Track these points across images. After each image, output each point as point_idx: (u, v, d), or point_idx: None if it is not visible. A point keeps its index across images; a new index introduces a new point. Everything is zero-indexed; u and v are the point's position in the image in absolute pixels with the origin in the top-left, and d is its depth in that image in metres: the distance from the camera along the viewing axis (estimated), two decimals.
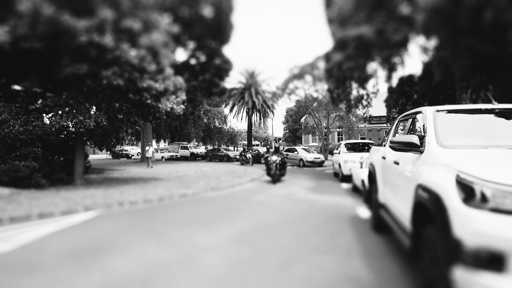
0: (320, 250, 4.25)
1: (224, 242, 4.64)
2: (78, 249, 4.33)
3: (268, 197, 8.71)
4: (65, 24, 8.47)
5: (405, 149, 3.10)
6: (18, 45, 8.58)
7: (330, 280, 3.30)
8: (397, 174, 3.67)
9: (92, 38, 8.61)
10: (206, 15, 17.16)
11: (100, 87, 9.73)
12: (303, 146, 28.25)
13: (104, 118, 9.75)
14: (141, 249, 4.34)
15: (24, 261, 3.89)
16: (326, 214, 6.49)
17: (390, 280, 3.27)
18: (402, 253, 4.09)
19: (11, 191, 8.56)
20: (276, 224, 5.76)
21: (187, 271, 3.59)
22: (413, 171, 3.05)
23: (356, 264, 3.73)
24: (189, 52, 19.57)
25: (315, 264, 3.74)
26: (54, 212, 6.47)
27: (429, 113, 3.29)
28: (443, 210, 2.17)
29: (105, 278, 3.37)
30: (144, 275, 3.45)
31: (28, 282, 3.27)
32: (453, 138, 2.98)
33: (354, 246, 4.41)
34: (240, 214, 6.61)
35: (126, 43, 9.16)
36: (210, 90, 21.10)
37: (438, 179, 2.41)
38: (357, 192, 9.49)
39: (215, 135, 39.70)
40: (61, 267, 3.70)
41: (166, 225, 5.69)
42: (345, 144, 14.07)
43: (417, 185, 2.74)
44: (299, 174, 15.84)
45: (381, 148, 5.10)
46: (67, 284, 3.24)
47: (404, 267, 3.63)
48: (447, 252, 2.11)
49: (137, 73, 9.46)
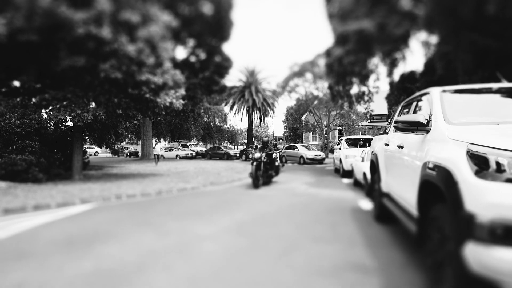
0: (321, 239, 4.11)
1: (222, 232, 4.51)
2: (72, 238, 4.20)
3: (268, 191, 8.57)
4: (62, 16, 8.35)
5: (410, 128, 2.97)
6: (15, 38, 8.46)
7: (333, 267, 3.17)
8: (401, 158, 3.53)
9: (89, 31, 8.49)
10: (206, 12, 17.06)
11: (98, 80, 9.61)
12: (304, 144, 28.11)
13: (102, 112, 9.62)
14: (137, 238, 4.21)
15: (16, 249, 3.76)
16: (327, 206, 6.36)
17: (395, 268, 3.14)
18: (406, 242, 3.96)
19: (8, 184, 8.43)
20: (275, 215, 5.63)
21: (183, 258, 3.46)
22: (419, 152, 2.92)
23: (359, 252, 3.60)
24: (189, 50, 19.44)
25: (316, 252, 3.61)
26: (50, 204, 6.35)
27: (436, 93, 3.16)
28: (454, 184, 2.04)
29: (97, 264, 3.24)
30: (138, 261, 3.33)
31: (19, 268, 3.15)
32: (461, 117, 2.85)
33: (357, 235, 4.27)
34: (239, 206, 6.48)
35: (124, 35, 9.03)
36: (210, 87, 20.96)
37: (447, 154, 2.28)
38: (358, 186, 9.35)
39: (215, 133, 39.56)
40: (53, 254, 3.57)
41: (164, 216, 5.56)
42: (346, 139, 13.93)
43: (424, 163, 2.61)
44: (299, 170, 15.69)
45: (383, 136, 4.97)
46: (58, 270, 3.11)
47: (409, 255, 3.50)
48: (458, 229, 1.98)
49: (135, 66, 9.34)
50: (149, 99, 10.44)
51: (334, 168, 15.03)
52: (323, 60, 19.30)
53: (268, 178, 9.94)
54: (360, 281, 2.81)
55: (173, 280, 2.89)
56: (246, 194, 8.10)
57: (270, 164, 9.95)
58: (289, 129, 44.41)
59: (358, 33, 12.19)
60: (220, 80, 20.82)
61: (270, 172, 9.96)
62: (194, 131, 33.17)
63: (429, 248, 2.56)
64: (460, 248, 1.93)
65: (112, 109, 10.42)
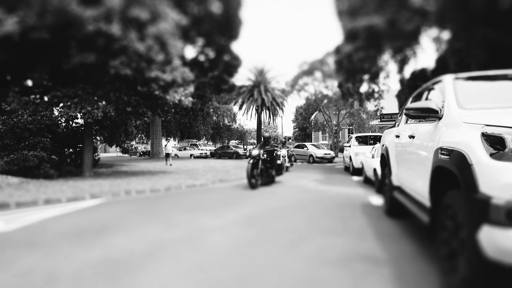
0: (330, 232, 4.05)
1: (230, 224, 4.49)
2: (81, 229, 4.22)
3: (277, 188, 8.52)
4: (72, 13, 8.45)
5: (422, 115, 2.89)
6: (27, 36, 8.59)
7: (342, 257, 3.10)
8: (413, 148, 3.45)
9: (99, 27, 8.57)
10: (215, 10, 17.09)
11: (108, 77, 9.69)
12: (313, 143, 27.96)
13: (112, 108, 9.71)
14: (145, 230, 4.21)
15: (25, 239, 3.79)
16: (336, 202, 6.28)
17: (406, 259, 3.06)
18: (417, 235, 3.87)
19: (20, 180, 8.56)
20: (284, 210, 5.58)
21: (191, 247, 3.44)
22: (430, 139, 2.84)
23: (369, 244, 3.52)
24: (197, 49, 19.50)
25: (326, 244, 3.55)
26: (61, 199, 6.41)
27: (448, 80, 3.07)
28: (467, 167, 1.97)
29: (105, 253, 3.24)
30: (146, 251, 3.32)
31: (28, 256, 3.17)
32: (475, 103, 2.76)
33: (367, 228, 4.20)
34: (248, 201, 6.45)
35: (134, 32, 9.09)
36: (219, 86, 21.01)
37: (461, 137, 2.20)
38: (368, 183, 9.23)
39: (224, 133, 39.65)
40: (62, 244, 3.59)
41: (172, 210, 5.56)
42: (356, 137, 13.79)
43: (436, 150, 2.53)
44: (308, 169, 15.59)
45: (394, 129, 4.88)
46: (66, 258, 3.12)
47: (420, 247, 3.41)
48: (472, 214, 1.91)
49: (144, 62, 9.39)
50: (159, 96, 10.50)
51: (344, 167, 14.89)
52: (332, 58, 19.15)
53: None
54: (370, 271, 2.75)
55: (181, 268, 2.86)
56: (254, 191, 8.06)
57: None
58: (298, 129, 44.23)
59: (368, 29, 12.05)
60: (229, 79, 20.84)
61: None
62: (204, 131, 33.29)
63: (442, 237, 2.48)
64: (474, 233, 1.86)
65: (122, 106, 10.51)
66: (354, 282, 2.54)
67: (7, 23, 8.22)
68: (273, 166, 9.23)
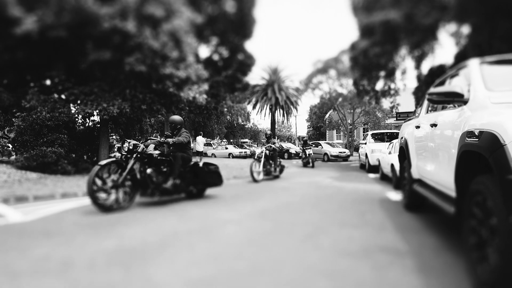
0: (348, 225, 3.93)
1: (245, 217, 4.42)
2: (96, 221, 4.23)
3: (292, 184, 8.41)
4: (89, 11, 8.56)
5: (446, 100, 2.75)
6: (45, 34, 8.75)
7: (361, 249, 2.99)
8: (435, 137, 3.31)
9: (115, 25, 8.65)
10: (229, 9, 17.09)
11: (123, 74, 9.78)
12: (328, 141, 27.67)
13: (127, 105, 9.79)
14: (160, 221, 4.19)
15: (42, 229, 3.81)
16: (353, 197, 6.14)
17: (428, 251, 2.93)
18: (439, 228, 3.71)
19: (38, 175, 8.72)
20: (299, 204, 5.49)
21: (206, 238, 3.39)
22: (455, 126, 2.70)
23: (389, 236, 3.40)
24: (211, 48, 19.56)
25: (344, 236, 3.44)
26: (77, 193, 6.48)
27: (474, 64, 2.92)
28: (500, 148, 1.84)
29: (120, 243, 3.22)
30: (160, 242, 3.28)
31: (44, 244, 3.18)
32: (503, 85, 2.61)
33: (386, 222, 4.06)
34: (262, 196, 6.37)
35: (149, 29, 9.15)
36: (233, 85, 21.02)
37: (491, 117, 2.07)
38: (385, 180, 9.02)
39: (238, 132, 39.69)
40: (77, 233, 3.60)
41: (186, 204, 5.53)
42: (372, 134, 13.54)
43: (463, 134, 2.40)
44: (323, 167, 15.40)
45: (413, 120, 4.73)
46: (81, 246, 3.11)
47: (443, 239, 3.27)
48: (505, 197, 1.78)
49: (159, 59, 9.44)
50: (173, 93, 10.54)
51: (359, 164, 14.64)
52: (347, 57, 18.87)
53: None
54: (391, 262, 2.63)
55: (196, 258, 2.81)
56: (269, 186, 7.99)
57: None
58: (312, 128, 43.90)
59: (384, 24, 11.81)
60: (243, 78, 20.80)
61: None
62: (217, 129, 33.39)
63: (469, 226, 2.34)
64: (508, 218, 1.73)
65: (136, 104, 10.60)
66: (376, 273, 2.44)
67: (27, 22, 8.39)
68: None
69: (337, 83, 24.23)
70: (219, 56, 19.59)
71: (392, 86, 15.05)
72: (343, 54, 21.41)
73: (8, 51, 9.21)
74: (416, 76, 14.47)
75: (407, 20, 11.63)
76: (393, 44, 12.67)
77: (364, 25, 12.74)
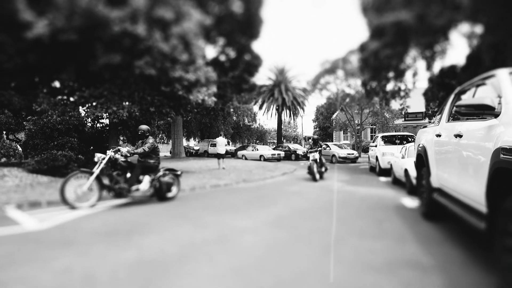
0: (367, 235, 3.87)
1: (260, 225, 4.37)
2: (113, 229, 4.21)
3: (303, 188, 8.35)
4: (99, 15, 8.56)
5: (475, 113, 2.67)
6: (56, 38, 8.78)
7: (385, 263, 2.93)
8: (460, 148, 3.22)
9: (125, 28, 8.65)
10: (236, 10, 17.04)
11: (133, 77, 9.79)
12: (335, 143, 27.50)
13: (136, 108, 9.80)
14: (175, 230, 4.15)
15: (60, 238, 3.80)
16: (367, 203, 6.06)
17: (455, 266, 2.85)
18: (463, 240, 3.63)
19: (49, 179, 8.75)
20: (313, 210, 5.42)
21: (224, 249, 3.35)
22: (486, 139, 2.62)
23: (411, 249, 3.32)
24: (218, 49, 19.53)
25: (365, 248, 3.38)
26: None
27: (504, 74, 2.83)
28: None
29: (140, 254, 3.19)
30: (179, 253, 3.24)
31: (64, 255, 3.16)
32: None
33: (405, 232, 3.98)
34: (275, 201, 6.32)
35: (158, 32, 9.14)
36: (240, 86, 20.94)
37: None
38: (398, 184, 8.91)
39: (244, 132, 39.63)
40: (96, 243, 3.57)
41: (199, 210, 5.50)
42: (381, 137, 13.39)
43: (496, 150, 2.32)
44: (332, 169, 15.29)
45: (431, 128, 4.63)
46: (101, 258, 3.09)
47: (470, 253, 3.18)
48: None
49: (169, 62, 9.42)
50: (182, 96, 10.52)
51: (369, 167, 14.51)
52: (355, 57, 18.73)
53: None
54: (419, 279, 2.57)
55: (217, 271, 2.77)
56: (280, 190, 7.93)
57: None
58: (319, 128, 43.71)
59: (396, 25, 11.67)
60: (249, 79, 20.72)
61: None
62: (224, 130, 33.36)
63: (504, 245, 2.27)
64: None
65: (145, 106, 10.60)
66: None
67: (38, 26, 8.42)
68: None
69: (345, 83, 24.09)
70: (226, 57, 19.54)
71: (402, 87, 14.88)
72: (351, 54, 21.27)
73: (20, 55, 9.26)
74: (428, 79, 14.28)
75: (419, 20, 11.49)
76: (404, 46, 12.52)
77: (374, 26, 12.61)
